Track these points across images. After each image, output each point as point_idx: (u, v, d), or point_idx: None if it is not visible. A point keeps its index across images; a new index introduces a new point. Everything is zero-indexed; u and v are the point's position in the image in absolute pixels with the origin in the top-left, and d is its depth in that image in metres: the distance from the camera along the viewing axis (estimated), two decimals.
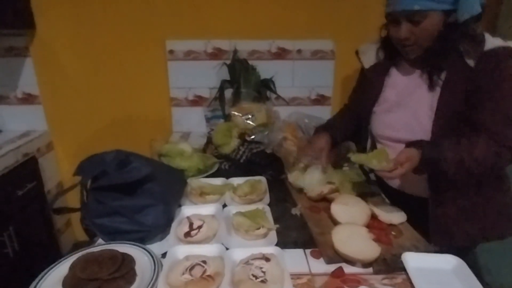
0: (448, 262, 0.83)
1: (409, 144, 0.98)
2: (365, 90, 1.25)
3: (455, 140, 0.96)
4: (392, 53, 1.13)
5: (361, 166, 1.20)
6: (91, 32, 1.86)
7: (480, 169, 0.96)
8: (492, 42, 0.97)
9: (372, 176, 1.26)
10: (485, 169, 0.97)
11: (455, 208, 1.09)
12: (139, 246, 0.86)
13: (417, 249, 0.87)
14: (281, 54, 1.96)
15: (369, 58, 1.21)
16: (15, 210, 1.68)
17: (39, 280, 0.75)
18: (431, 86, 1.03)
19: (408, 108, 1.09)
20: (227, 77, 1.85)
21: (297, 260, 0.86)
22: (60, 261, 0.81)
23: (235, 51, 1.89)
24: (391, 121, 1.14)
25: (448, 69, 1.00)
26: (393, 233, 0.94)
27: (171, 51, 1.90)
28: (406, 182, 1.15)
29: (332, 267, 0.82)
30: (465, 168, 0.94)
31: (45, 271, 0.78)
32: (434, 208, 1.09)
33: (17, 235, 1.64)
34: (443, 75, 1.01)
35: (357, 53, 1.27)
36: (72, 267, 0.76)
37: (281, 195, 1.19)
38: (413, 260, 0.82)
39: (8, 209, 1.62)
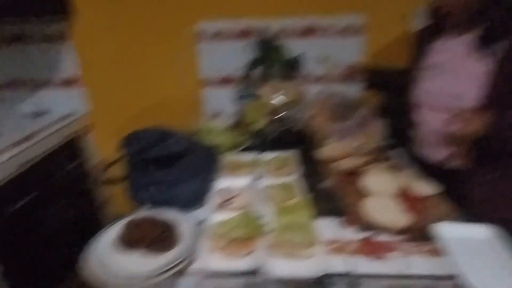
0: (483, 232, 0.83)
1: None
2: (412, 56, 1.20)
3: None
4: (440, 18, 1.05)
5: None
6: (129, 17, 1.91)
7: None
8: None
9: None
10: None
11: (493, 191, 1.02)
12: (180, 214, 0.93)
13: (450, 219, 0.87)
14: (310, 31, 1.93)
15: (418, 21, 1.18)
16: (59, 187, 1.81)
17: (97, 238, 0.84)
18: (482, 55, 0.94)
19: (453, 76, 1.02)
20: (256, 57, 1.87)
21: (329, 228, 0.89)
22: (112, 224, 0.90)
23: (264, 30, 1.90)
24: (434, 88, 1.07)
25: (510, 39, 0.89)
26: (425, 204, 0.94)
27: (201, 32, 1.94)
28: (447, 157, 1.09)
29: (363, 235, 0.85)
30: None
31: (101, 231, 0.87)
32: (471, 185, 1.04)
33: (62, 210, 1.79)
34: (498, 46, 0.91)
35: (403, 17, 1.22)
36: (127, 227, 0.85)
37: (312, 169, 1.21)
38: (446, 229, 0.82)
39: (54, 186, 1.76)
